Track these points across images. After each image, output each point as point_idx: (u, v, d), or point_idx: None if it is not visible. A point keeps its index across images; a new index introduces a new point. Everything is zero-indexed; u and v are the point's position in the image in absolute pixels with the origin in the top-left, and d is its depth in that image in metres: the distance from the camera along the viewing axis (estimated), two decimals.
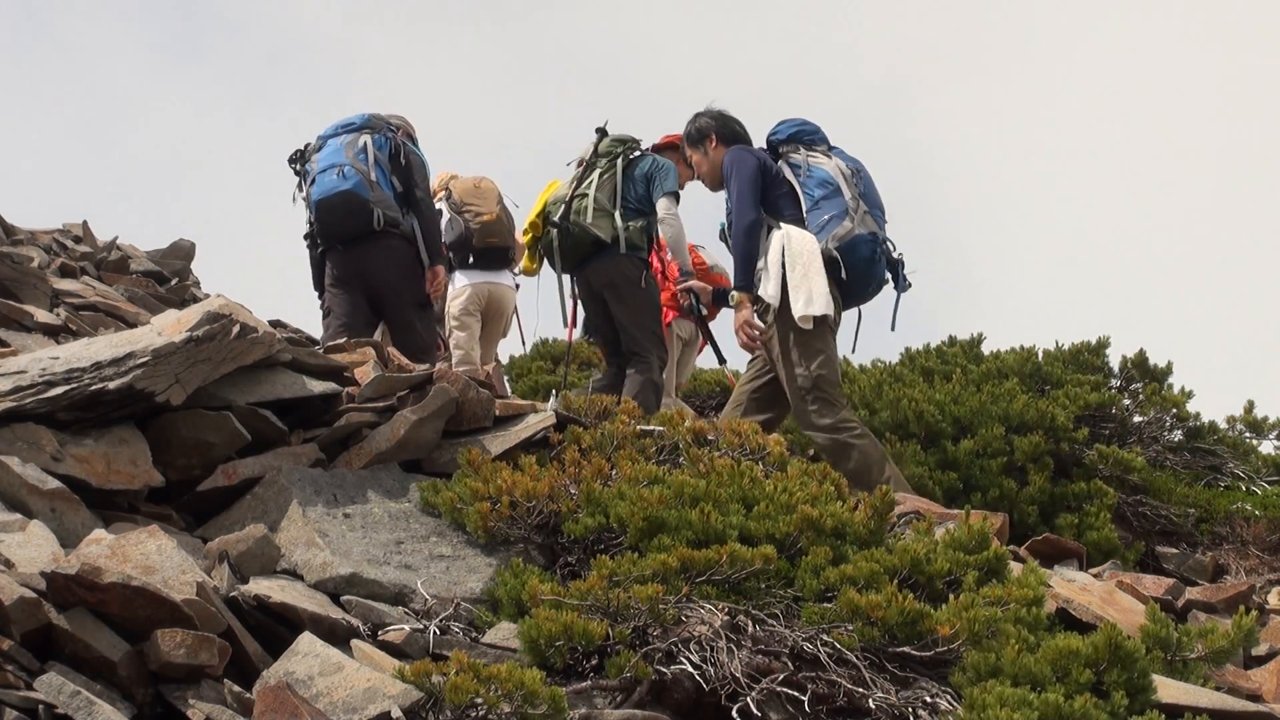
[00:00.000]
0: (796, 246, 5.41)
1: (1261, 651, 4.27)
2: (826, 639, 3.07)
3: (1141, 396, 7.68)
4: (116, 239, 8.99)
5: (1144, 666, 3.04)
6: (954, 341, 8.21)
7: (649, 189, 6.49)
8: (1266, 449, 7.64)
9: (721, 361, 7.05)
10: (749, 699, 2.86)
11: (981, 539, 3.62)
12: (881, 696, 2.97)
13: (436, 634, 3.08)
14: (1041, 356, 7.88)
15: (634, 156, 6.59)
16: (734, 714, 2.84)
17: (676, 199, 6.46)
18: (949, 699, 3.00)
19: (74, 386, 3.52)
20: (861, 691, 2.97)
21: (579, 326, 7.50)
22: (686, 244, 6.63)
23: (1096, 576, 5.10)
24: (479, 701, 2.60)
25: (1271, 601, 5.26)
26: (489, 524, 3.61)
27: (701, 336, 7.24)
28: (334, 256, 6.42)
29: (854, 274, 5.47)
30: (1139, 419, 7.61)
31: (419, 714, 2.62)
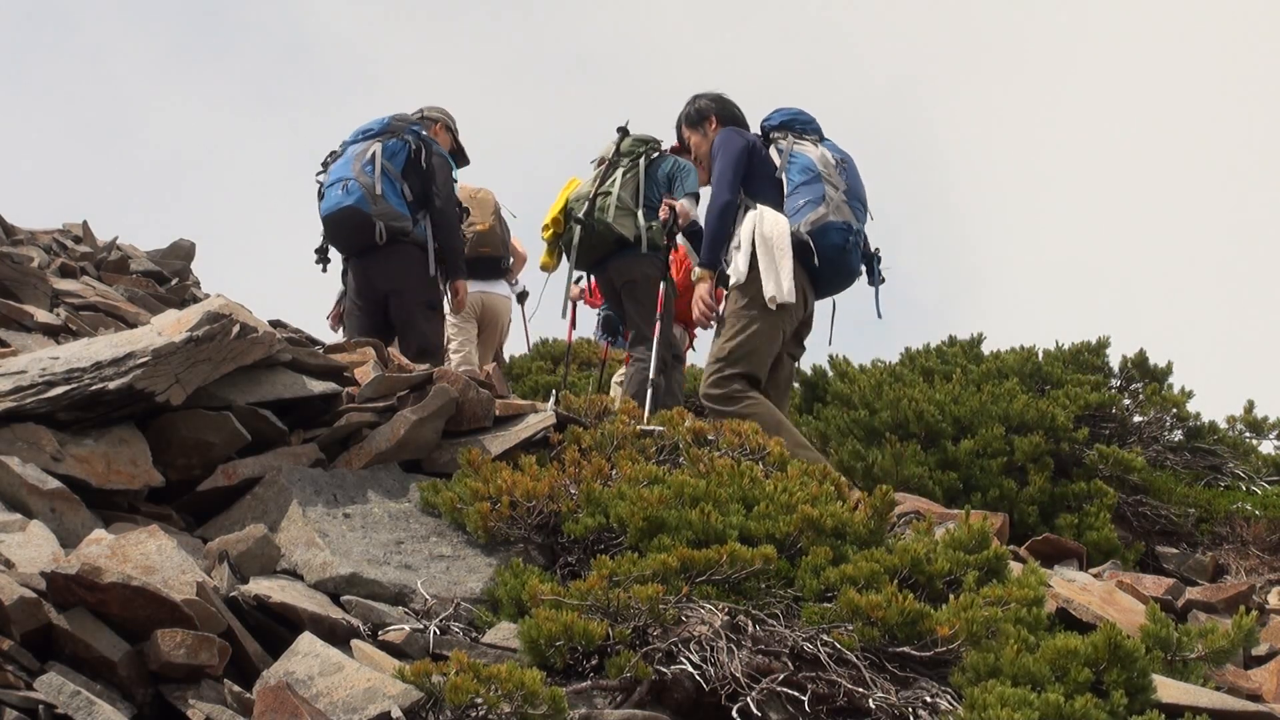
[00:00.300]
0: (768, 228, 5.41)
1: (1261, 651, 4.27)
2: (826, 639, 3.07)
3: (1141, 396, 7.68)
4: (116, 239, 8.98)
5: (1144, 666, 3.04)
6: (954, 341, 8.21)
7: (670, 189, 6.57)
8: (1266, 449, 7.65)
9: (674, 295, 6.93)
10: (749, 699, 2.86)
11: (981, 539, 3.62)
12: (881, 696, 2.96)
13: (436, 634, 3.08)
14: (1041, 356, 7.88)
15: (655, 157, 6.66)
16: (734, 714, 2.83)
17: (697, 200, 6.52)
18: (949, 699, 3.00)
19: (74, 386, 3.52)
20: (861, 691, 2.97)
21: (601, 328, 7.51)
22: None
23: (1096, 576, 5.10)
24: (479, 701, 2.60)
25: (1271, 601, 5.26)
26: (489, 524, 3.61)
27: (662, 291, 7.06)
28: (351, 267, 6.56)
29: (824, 260, 5.46)
30: (1139, 419, 7.62)
31: (419, 714, 2.62)
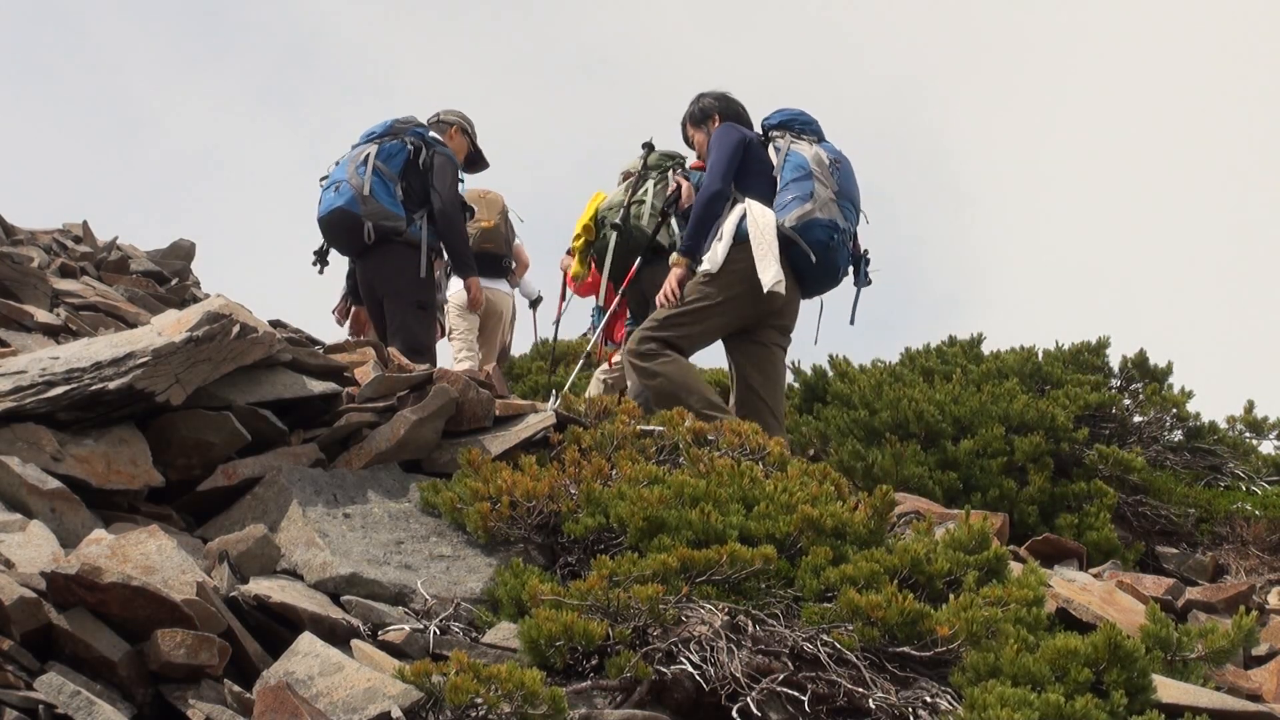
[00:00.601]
0: (758, 221, 5.47)
1: (1261, 651, 4.27)
2: (826, 639, 3.07)
3: (1141, 396, 7.68)
4: (116, 239, 8.97)
5: (1144, 666, 3.04)
6: (954, 341, 8.21)
7: None
8: (1266, 449, 7.66)
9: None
10: (749, 699, 2.86)
11: (981, 539, 3.62)
12: (881, 696, 2.96)
13: (436, 634, 3.08)
14: (1041, 356, 7.88)
15: (681, 172, 6.73)
16: (734, 714, 2.83)
17: None
18: (949, 699, 3.00)
19: (74, 386, 3.52)
20: (861, 691, 2.97)
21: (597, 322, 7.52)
22: None
23: (1096, 576, 5.10)
24: (479, 701, 2.60)
25: (1271, 601, 5.26)
26: (489, 524, 3.61)
27: None
28: (356, 271, 6.70)
29: (805, 255, 5.49)
30: (1139, 419, 7.62)
31: (419, 714, 2.62)
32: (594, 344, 7.23)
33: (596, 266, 6.74)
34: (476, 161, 7.25)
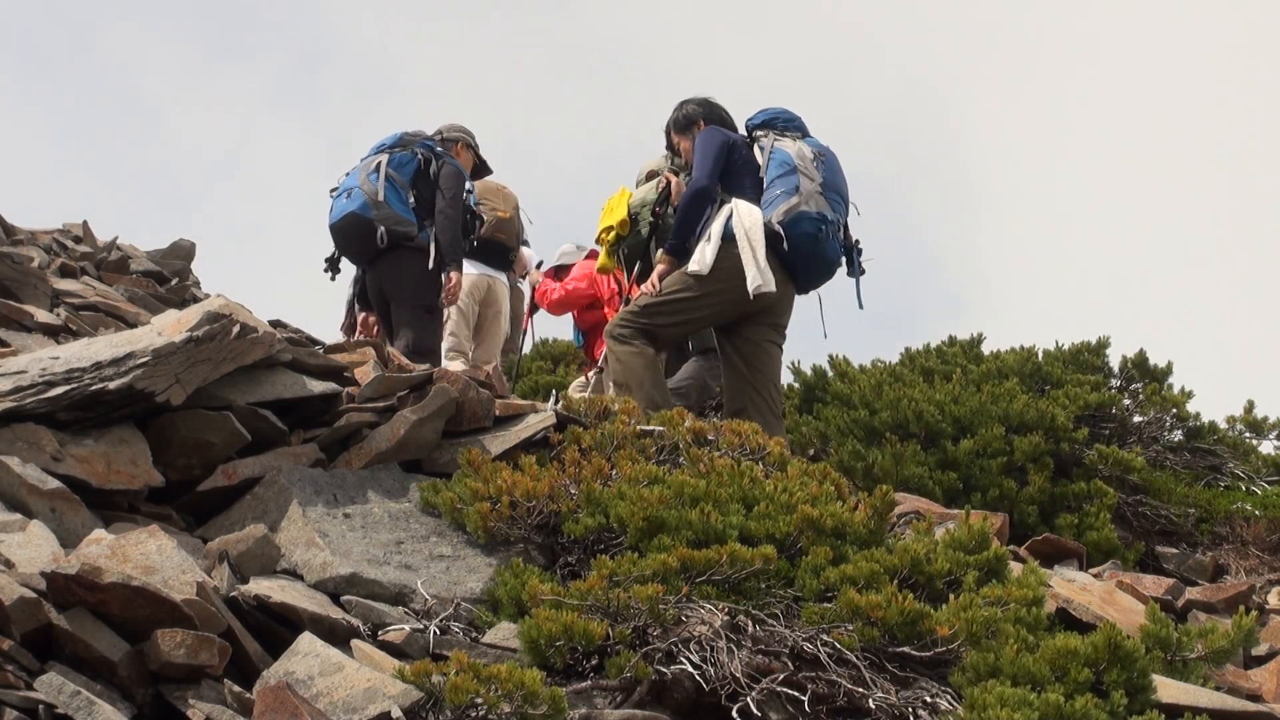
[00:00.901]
0: (743, 221, 5.51)
1: (1261, 651, 4.27)
2: (826, 639, 3.07)
3: (1141, 396, 7.68)
4: (116, 239, 8.97)
5: (1144, 666, 3.05)
6: (954, 341, 8.21)
7: None
8: (1266, 449, 7.65)
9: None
10: (749, 699, 2.86)
11: (981, 539, 3.62)
12: (881, 696, 2.97)
13: (436, 634, 3.08)
14: (1041, 356, 7.88)
15: (671, 167, 6.77)
16: (734, 714, 2.83)
17: None
18: (949, 699, 3.01)
19: (74, 386, 3.52)
20: (861, 691, 2.97)
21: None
22: None
23: (1096, 576, 5.10)
24: (479, 701, 2.60)
25: (1271, 601, 5.26)
26: (489, 524, 3.61)
27: None
28: (366, 277, 6.77)
29: (795, 250, 5.54)
30: (1139, 419, 7.61)
31: (419, 714, 2.62)
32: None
33: (626, 263, 6.75)
34: (480, 172, 7.39)
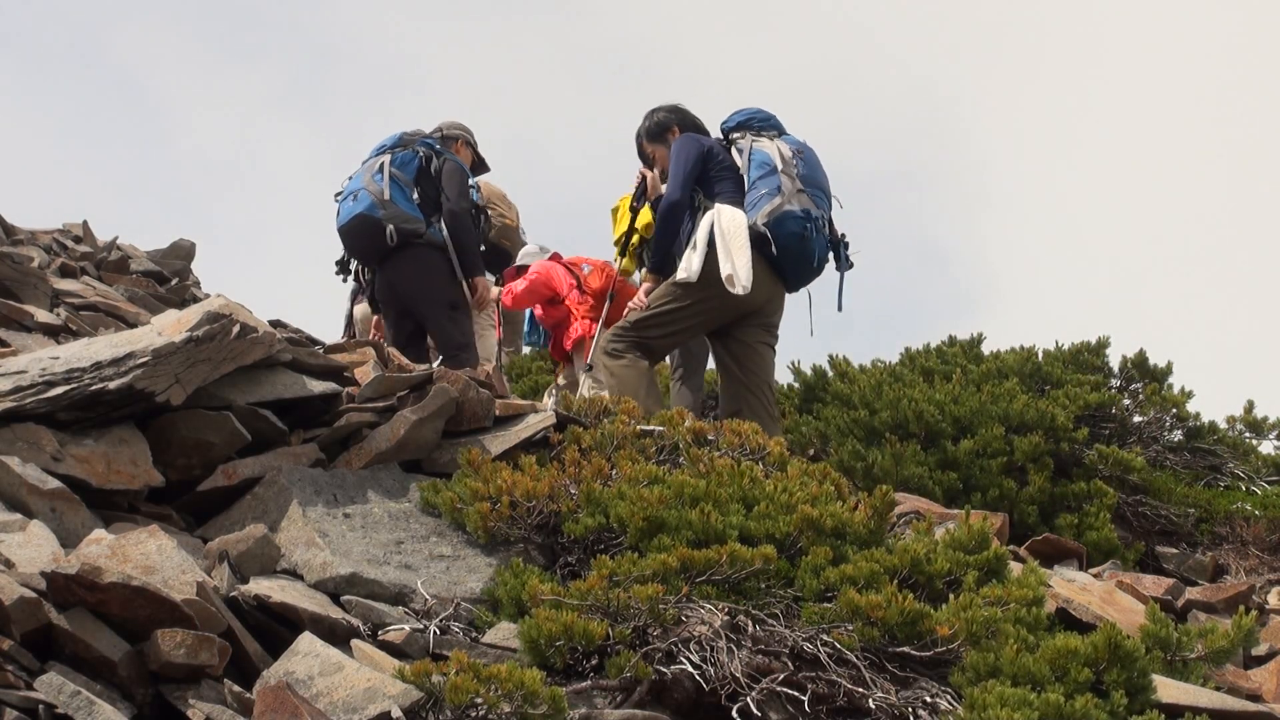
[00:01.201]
0: (725, 224, 5.53)
1: (1261, 651, 4.27)
2: (826, 639, 3.07)
3: (1141, 396, 7.67)
4: (116, 239, 8.98)
5: (1144, 666, 3.04)
6: (954, 341, 8.20)
7: None
8: (1266, 449, 7.64)
9: (623, 252, 7.02)
10: (749, 699, 2.86)
11: (981, 539, 3.62)
12: (881, 696, 2.97)
13: (436, 634, 3.08)
14: (1041, 356, 7.87)
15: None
16: (734, 714, 2.84)
17: None
18: (949, 699, 3.01)
19: (74, 386, 3.52)
20: (861, 691, 2.97)
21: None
22: None
23: (1096, 576, 5.10)
24: (479, 701, 2.60)
25: (1271, 601, 5.26)
26: (489, 524, 3.61)
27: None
28: (376, 279, 6.75)
29: (783, 249, 5.56)
30: (1139, 419, 7.61)
31: (419, 714, 2.62)
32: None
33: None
34: (479, 169, 7.40)
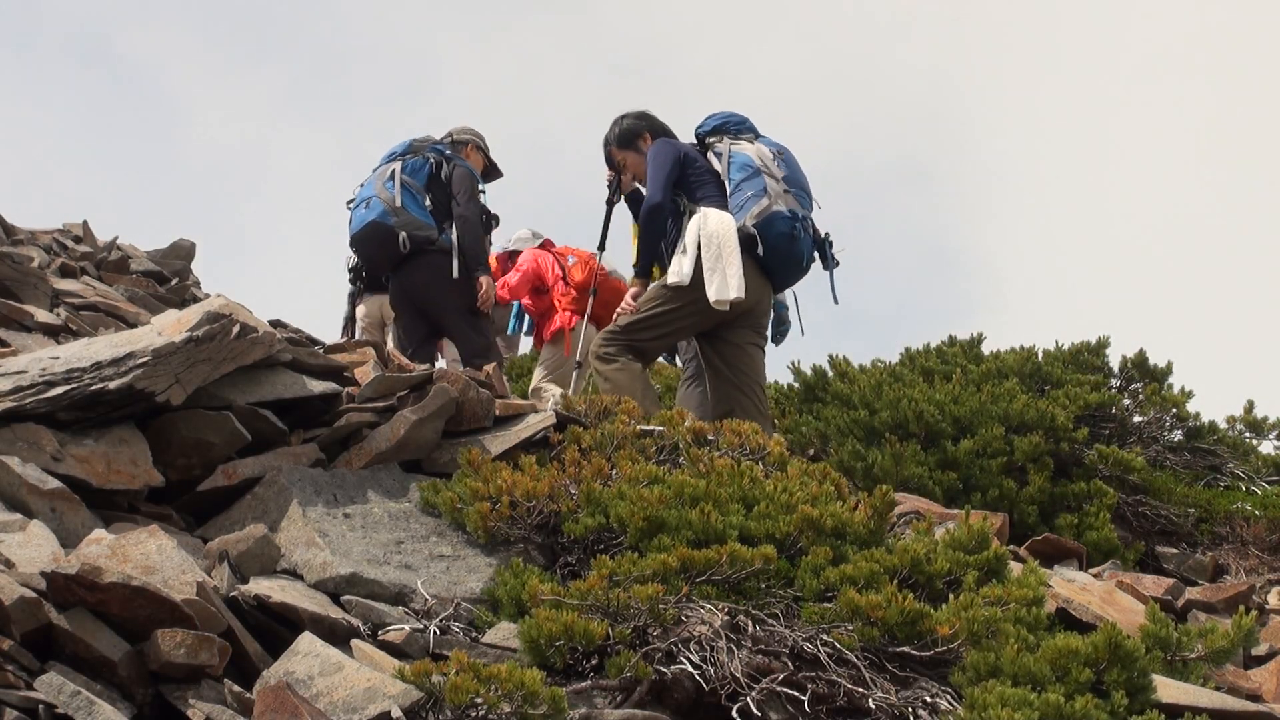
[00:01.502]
0: (712, 228, 5.52)
1: (1261, 651, 4.27)
2: (826, 639, 3.07)
3: (1141, 396, 7.68)
4: (116, 239, 8.97)
5: (1144, 666, 3.04)
6: (954, 341, 8.21)
7: None
8: (1266, 449, 7.65)
9: (601, 247, 7.07)
10: (749, 699, 2.86)
11: (981, 539, 3.62)
12: (881, 696, 2.97)
13: (436, 634, 3.08)
14: (1041, 356, 7.88)
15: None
16: (734, 714, 2.84)
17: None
18: (949, 699, 3.01)
19: (74, 386, 3.52)
20: (861, 691, 2.97)
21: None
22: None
23: (1096, 576, 5.10)
24: (479, 701, 2.60)
25: (1271, 601, 5.26)
26: (489, 524, 3.61)
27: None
28: (390, 285, 6.82)
29: (771, 250, 5.58)
30: (1139, 419, 7.61)
31: (419, 714, 2.62)
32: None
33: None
34: (491, 173, 7.42)
